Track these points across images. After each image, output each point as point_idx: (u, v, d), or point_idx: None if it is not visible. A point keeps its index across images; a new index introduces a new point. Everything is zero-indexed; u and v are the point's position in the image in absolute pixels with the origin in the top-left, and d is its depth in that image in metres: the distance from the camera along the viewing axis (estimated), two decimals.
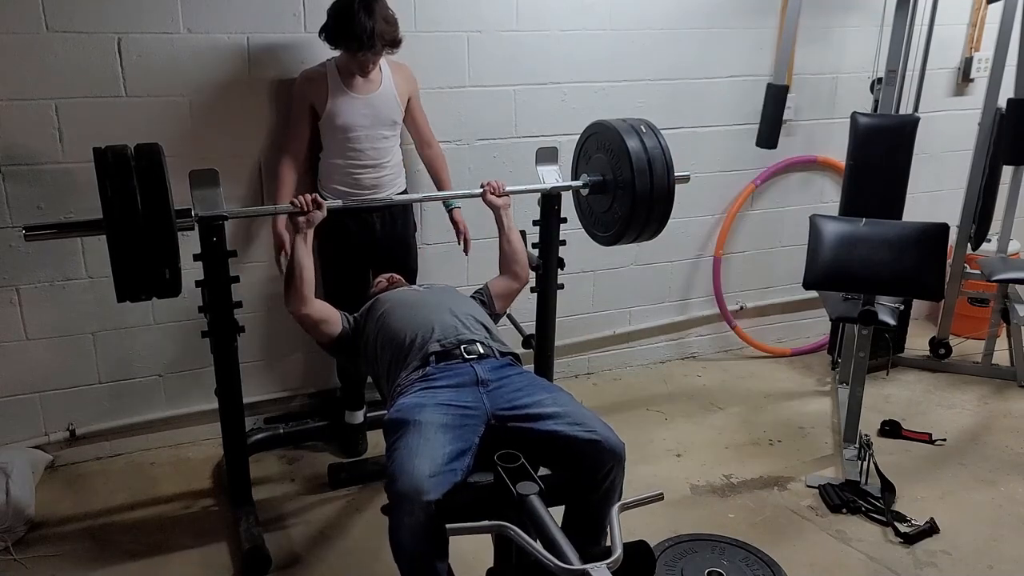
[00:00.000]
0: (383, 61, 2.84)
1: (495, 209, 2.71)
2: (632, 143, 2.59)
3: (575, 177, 2.90)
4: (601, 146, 2.75)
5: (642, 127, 2.65)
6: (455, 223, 3.12)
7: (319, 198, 2.47)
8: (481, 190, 2.72)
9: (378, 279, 2.81)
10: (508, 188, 2.74)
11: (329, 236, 2.87)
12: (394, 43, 2.72)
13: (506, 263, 2.73)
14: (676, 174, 2.64)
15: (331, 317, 2.50)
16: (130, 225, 2.07)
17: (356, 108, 2.80)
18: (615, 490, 2.01)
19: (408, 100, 2.94)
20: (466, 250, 3.14)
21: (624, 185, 2.63)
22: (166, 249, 2.13)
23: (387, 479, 1.91)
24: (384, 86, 2.85)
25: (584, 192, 2.85)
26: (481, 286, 2.71)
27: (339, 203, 2.65)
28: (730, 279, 4.01)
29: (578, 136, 2.87)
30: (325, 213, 2.48)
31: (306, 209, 2.43)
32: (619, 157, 2.63)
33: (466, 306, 2.50)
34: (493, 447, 1.93)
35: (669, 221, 2.71)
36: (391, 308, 2.45)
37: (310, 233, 2.46)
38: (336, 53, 2.78)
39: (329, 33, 2.68)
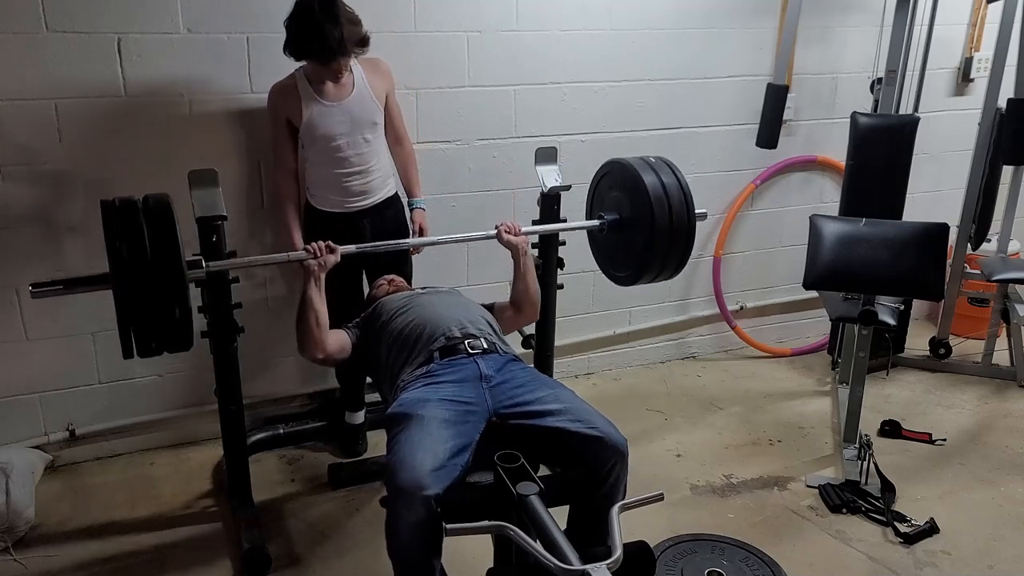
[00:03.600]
0: (354, 60, 2.75)
1: (512, 249, 2.62)
2: (648, 178, 2.57)
3: (590, 217, 2.87)
4: (616, 184, 2.73)
5: (654, 160, 2.64)
6: (412, 221, 3.01)
7: (332, 243, 2.44)
8: (496, 231, 2.64)
9: (378, 282, 2.80)
10: (525, 229, 2.66)
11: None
12: (363, 42, 2.62)
13: (518, 300, 2.64)
14: (696, 211, 2.62)
15: (344, 343, 2.48)
16: (139, 281, 2.03)
17: (333, 116, 2.72)
18: (619, 487, 2.01)
19: (386, 97, 2.85)
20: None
21: (642, 222, 2.60)
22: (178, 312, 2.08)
23: (387, 472, 1.91)
24: (358, 89, 2.76)
25: (601, 232, 2.80)
26: (487, 303, 2.65)
27: (352, 248, 2.53)
28: (730, 279, 4.01)
29: (578, 136, 2.87)
30: (339, 258, 2.45)
31: (319, 255, 2.41)
32: (635, 193, 2.60)
33: (471, 307, 2.50)
34: (495, 444, 1.93)
35: None
36: (396, 311, 2.45)
37: (323, 277, 2.43)
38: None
39: (294, 47, 2.58)
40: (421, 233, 3.00)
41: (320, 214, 2.87)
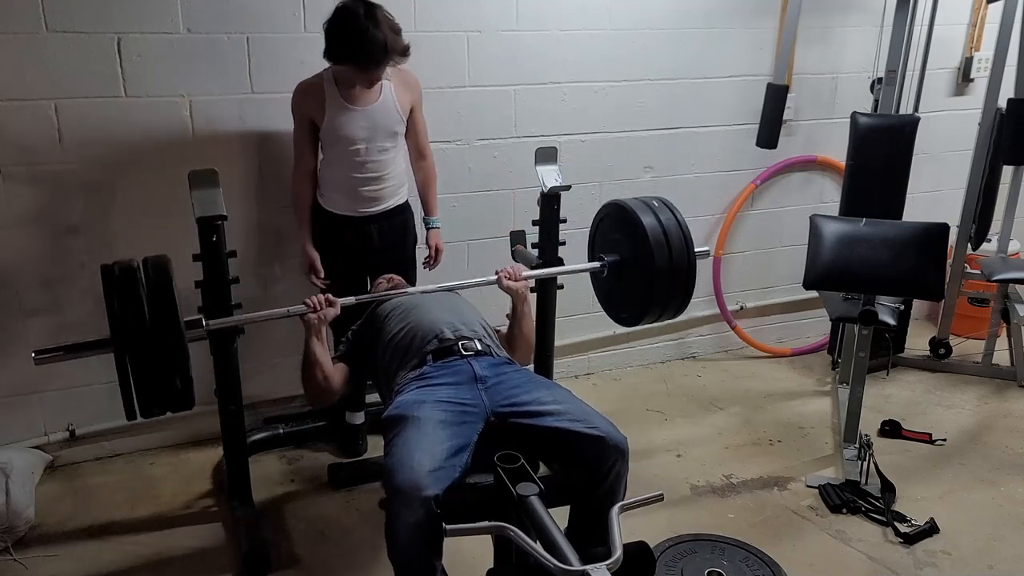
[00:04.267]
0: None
1: (512, 294, 2.55)
2: (647, 219, 2.58)
3: (592, 259, 2.87)
4: (615, 226, 2.73)
5: (655, 203, 2.65)
6: (428, 245, 3.03)
7: (331, 297, 2.43)
8: (496, 276, 2.59)
9: (378, 281, 2.80)
10: (526, 273, 2.62)
11: (326, 246, 2.87)
12: (404, 52, 2.60)
13: (512, 342, 2.57)
14: (696, 249, 2.63)
15: (346, 375, 2.47)
16: (140, 350, 2.05)
17: (355, 121, 2.72)
18: (619, 486, 2.02)
19: (411, 110, 2.85)
20: (429, 266, 3.06)
21: (642, 264, 2.60)
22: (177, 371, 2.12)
23: (385, 474, 1.91)
24: (384, 97, 2.76)
25: (603, 274, 2.80)
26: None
27: (352, 300, 2.51)
28: (730, 279, 4.01)
29: (578, 136, 2.87)
30: (338, 311, 2.44)
31: (318, 308, 2.40)
32: (634, 236, 2.61)
33: (466, 309, 2.50)
34: (494, 445, 1.93)
35: None
36: (392, 312, 2.45)
37: (323, 331, 2.42)
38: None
39: (334, 51, 2.55)
40: (436, 253, 3.02)
41: (329, 216, 2.87)
